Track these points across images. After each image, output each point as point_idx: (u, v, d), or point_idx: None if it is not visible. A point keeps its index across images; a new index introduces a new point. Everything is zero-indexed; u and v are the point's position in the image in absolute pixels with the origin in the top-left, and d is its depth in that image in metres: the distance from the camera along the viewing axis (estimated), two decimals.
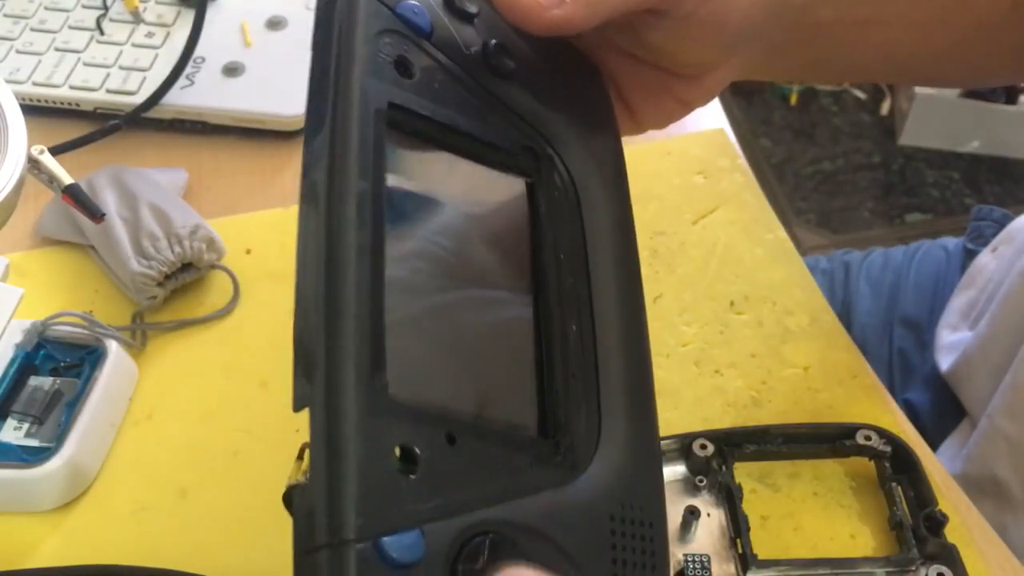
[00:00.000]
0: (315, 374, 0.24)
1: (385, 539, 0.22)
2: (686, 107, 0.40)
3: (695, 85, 0.39)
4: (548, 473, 0.28)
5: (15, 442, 0.45)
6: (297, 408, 0.24)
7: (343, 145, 0.26)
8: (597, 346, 0.31)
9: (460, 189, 0.32)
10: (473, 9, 0.33)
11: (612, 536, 0.28)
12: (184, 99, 0.60)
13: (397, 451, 0.24)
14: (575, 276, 0.32)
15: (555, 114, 0.34)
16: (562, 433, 0.30)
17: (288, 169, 0.60)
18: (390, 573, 0.22)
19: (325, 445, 0.23)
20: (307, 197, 0.26)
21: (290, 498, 0.24)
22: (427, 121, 0.30)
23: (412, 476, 0.24)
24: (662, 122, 0.40)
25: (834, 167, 1.83)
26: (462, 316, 0.30)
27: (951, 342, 0.62)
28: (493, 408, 0.29)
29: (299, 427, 0.51)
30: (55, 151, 0.52)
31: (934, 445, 0.59)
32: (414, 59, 0.30)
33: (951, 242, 0.71)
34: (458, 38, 0.32)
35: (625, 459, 0.30)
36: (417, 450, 0.24)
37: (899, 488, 0.44)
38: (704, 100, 0.40)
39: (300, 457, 0.26)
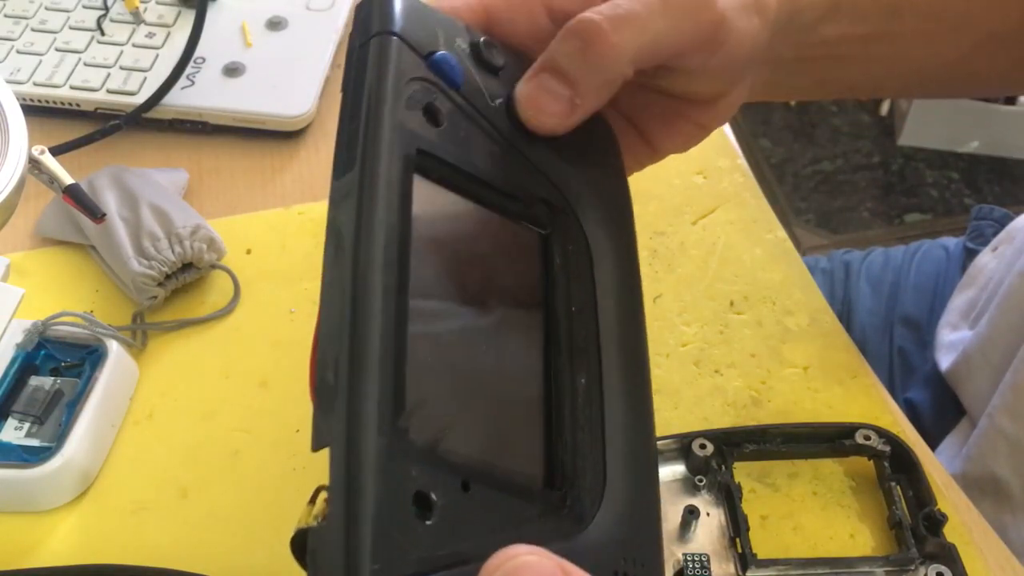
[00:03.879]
0: (336, 414, 0.24)
1: None
2: (703, 130, 0.40)
3: (709, 109, 0.39)
4: (555, 525, 0.28)
5: (16, 442, 0.45)
6: (316, 448, 0.24)
7: (372, 188, 0.27)
8: (604, 400, 0.31)
9: (479, 238, 0.33)
10: (499, 63, 0.34)
11: None
12: (185, 99, 0.60)
13: (414, 496, 0.24)
14: (586, 330, 0.32)
15: (571, 169, 0.34)
16: (568, 485, 0.30)
17: (288, 169, 0.60)
18: None
19: (344, 487, 0.23)
20: (333, 237, 0.27)
21: (300, 542, 0.24)
22: (452, 169, 0.30)
23: (428, 522, 0.24)
24: (681, 147, 0.41)
25: (834, 167, 1.83)
26: (477, 364, 0.30)
27: (951, 341, 0.62)
28: (503, 457, 0.29)
29: (299, 427, 0.52)
30: (56, 151, 0.52)
31: (934, 444, 0.59)
32: (442, 107, 0.30)
33: (951, 242, 0.72)
34: (484, 90, 0.32)
35: (628, 515, 0.30)
36: (433, 496, 0.24)
37: (898, 487, 0.44)
38: (721, 121, 0.40)
39: (312, 501, 0.25)
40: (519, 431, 0.30)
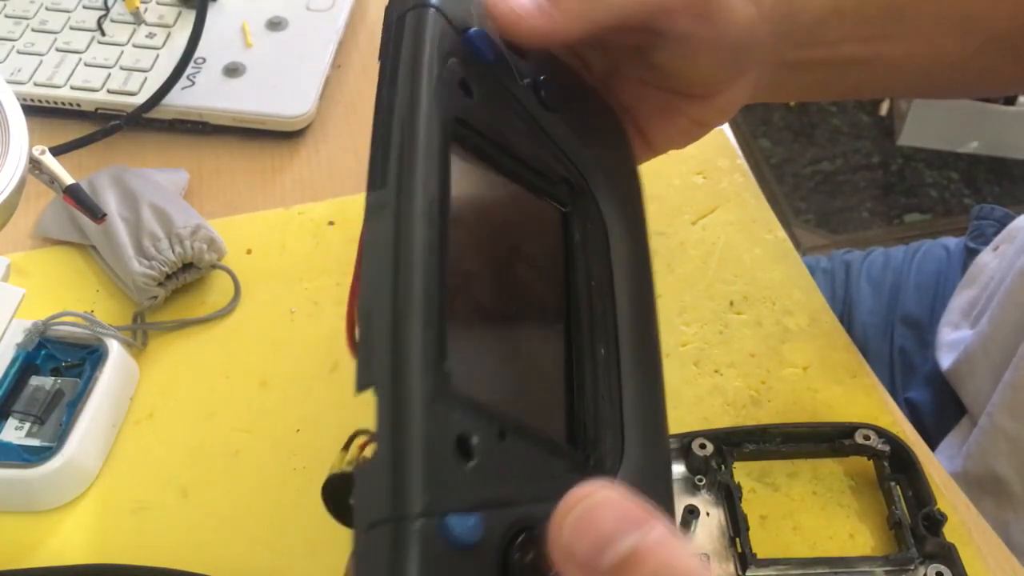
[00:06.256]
0: (381, 358, 0.24)
1: (450, 517, 0.23)
2: (701, 127, 0.40)
3: (707, 105, 0.39)
4: (581, 481, 0.29)
5: (16, 442, 0.45)
6: (360, 389, 0.24)
7: (412, 148, 0.27)
8: (621, 370, 0.33)
9: (507, 209, 0.34)
10: None
11: None
12: (185, 99, 0.60)
13: (456, 438, 0.24)
14: (604, 303, 0.34)
15: (590, 152, 0.36)
16: (591, 447, 0.31)
17: (288, 169, 0.60)
18: (448, 551, 0.23)
19: (391, 425, 0.23)
20: (374, 195, 0.27)
21: (332, 488, 0.25)
22: (484, 140, 0.31)
23: (469, 464, 0.24)
24: (678, 143, 0.41)
25: (833, 167, 1.83)
26: (506, 327, 0.31)
27: (952, 340, 0.62)
28: (531, 414, 0.30)
29: (299, 427, 0.52)
30: (56, 151, 0.52)
31: (935, 444, 0.59)
32: (475, 82, 0.31)
33: (952, 241, 0.72)
34: (514, 69, 0.33)
35: (644, 481, 0.31)
36: (474, 440, 0.25)
37: (898, 487, 0.44)
38: (720, 120, 0.40)
39: (345, 448, 0.26)
40: (544, 393, 0.31)
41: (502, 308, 0.31)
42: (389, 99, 0.28)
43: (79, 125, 0.60)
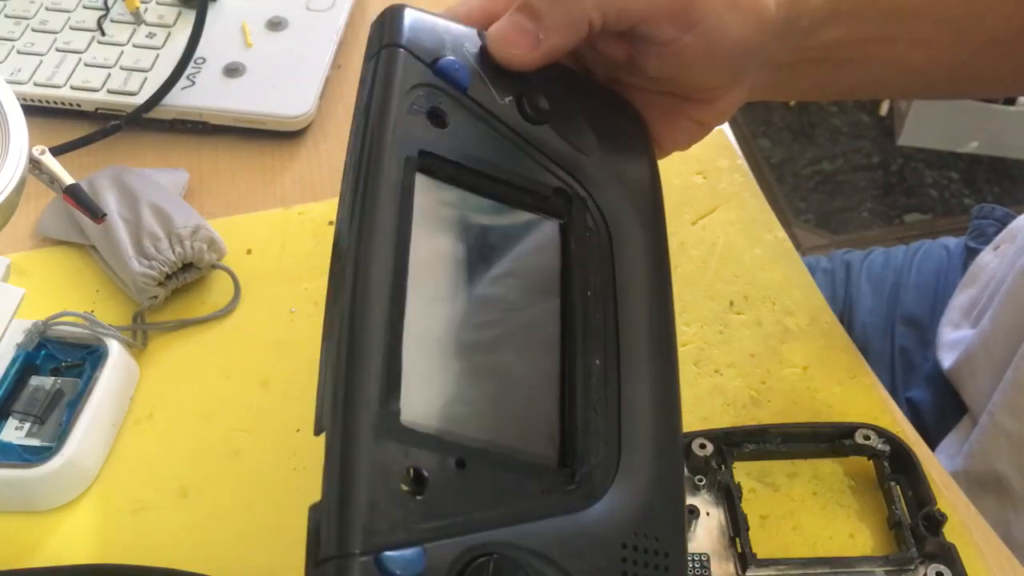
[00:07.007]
0: (334, 399, 0.26)
1: (386, 553, 0.24)
2: (704, 128, 0.41)
3: (708, 108, 0.40)
4: (560, 500, 0.29)
5: (16, 442, 0.45)
6: (317, 432, 0.26)
7: (373, 188, 0.29)
8: (622, 381, 0.32)
9: (489, 229, 0.34)
10: None
11: (623, 564, 0.29)
12: (185, 99, 0.60)
13: (405, 473, 0.26)
14: (603, 312, 0.34)
15: (588, 156, 0.36)
16: (579, 463, 0.31)
17: (289, 169, 0.60)
18: None
19: (339, 465, 0.25)
20: (337, 235, 0.29)
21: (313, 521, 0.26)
22: (459, 167, 0.32)
23: (419, 497, 0.26)
24: (683, 144, 0.41)
25: (833, 167, 1.83)
26: (488, 347, 0.32)
27: (953, 340, 0.62)
28: (512, 437, 0.30)
29: (299, 427, 0.52)
30: (56, 151, 0.52)
31: (936, 443, 0.59)
32: (448, 110, 0.32)
33: (952, 241, 0.72)
34: (493, 90, 0.34)
35: (644, 491, 0.31)
36: (425, 473, 0.26)
37: (898, 487, 0.44)
38: (721, 120, 0.41)
39: None
40: (532, 413, 0.32)
41: (483, 331, 0.32)
42: (359, 142, 0.30)
43: (79, 125, 0.60)
